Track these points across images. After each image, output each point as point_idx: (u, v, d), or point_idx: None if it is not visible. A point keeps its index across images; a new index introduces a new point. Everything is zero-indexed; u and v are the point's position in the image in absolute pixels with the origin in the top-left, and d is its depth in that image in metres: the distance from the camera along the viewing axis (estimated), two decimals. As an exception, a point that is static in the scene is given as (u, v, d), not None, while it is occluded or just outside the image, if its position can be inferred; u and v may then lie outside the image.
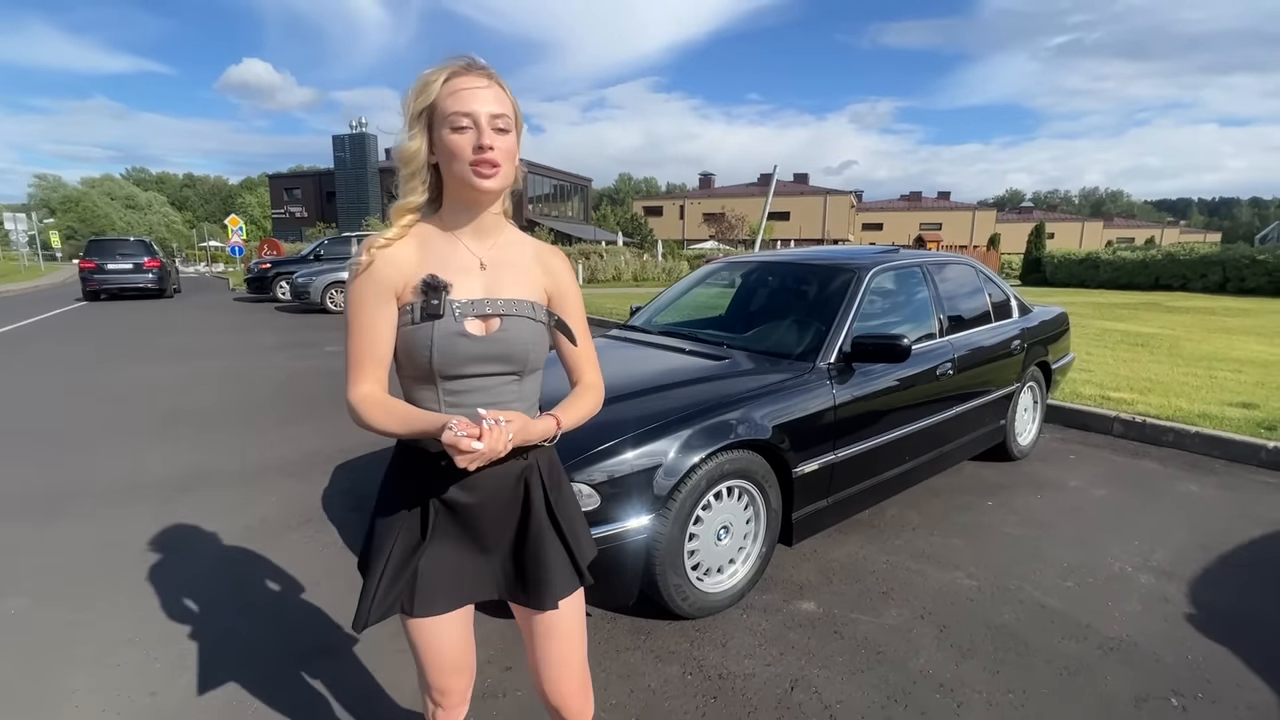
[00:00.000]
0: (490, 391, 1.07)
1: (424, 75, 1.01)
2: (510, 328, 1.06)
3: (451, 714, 1.25)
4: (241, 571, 2.62)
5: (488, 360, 1.05)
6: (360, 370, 1.04)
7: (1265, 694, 1.88)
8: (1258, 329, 9.37)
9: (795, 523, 2.49)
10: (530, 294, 1.11)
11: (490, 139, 0.98)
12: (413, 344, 1.03)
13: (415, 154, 1.01)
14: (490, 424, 0.93)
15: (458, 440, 0.90)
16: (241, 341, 8.97)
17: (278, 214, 45.19)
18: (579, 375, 1.19)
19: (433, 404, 1.06)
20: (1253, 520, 3.09)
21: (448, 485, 1.07)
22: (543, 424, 1.06)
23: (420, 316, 1.02)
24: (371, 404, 1.03)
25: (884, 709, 1.82)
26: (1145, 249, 21.28)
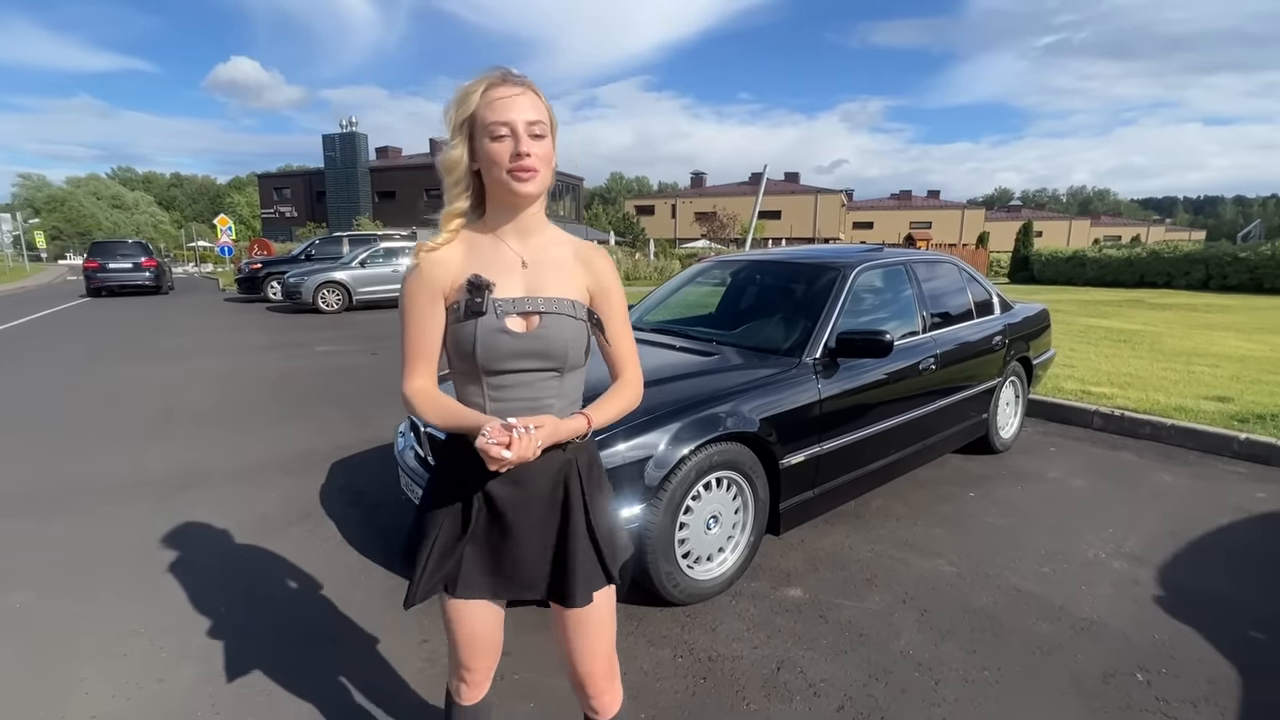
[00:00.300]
0: (531, 387, 1.11)
1: (463, 88, 1.06)
2: (550, 325, 1.10)
3: (474, 690, 1.31)
4: (243, 565, 2.68)
5: (528, 356, 1.09)
6: (413, 365, 1.12)
7: (1225, 668, 1.98)
8: (1237, 325, 9.57)
9: (782, 513, 2.58)
10: (571, 292, 1.14)
11: (527, 145, 1.03)
12: (459, 340, 1.09)
13: (458, 162, 1.08)
14: (519, 433, 0.98)
15: (488, 447, 0.97)
16: (234, 341, 8.97)
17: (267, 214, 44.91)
18: (618, 371, 1.23)
19: (478, 398, 1.12)
20: (1222, 508, 3.21)
21: (490, 479, 1.11)
22: (573, 423, 1.10)
23: (465, 314, 1.08)
24: (423, 398, 1.11)
25: (865, 687, 1.91)
26: (1131, 247, 21.60)
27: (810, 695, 1.88)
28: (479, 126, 1.05)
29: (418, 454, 2.66)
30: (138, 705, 1.85)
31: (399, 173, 40.51)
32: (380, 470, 3.73)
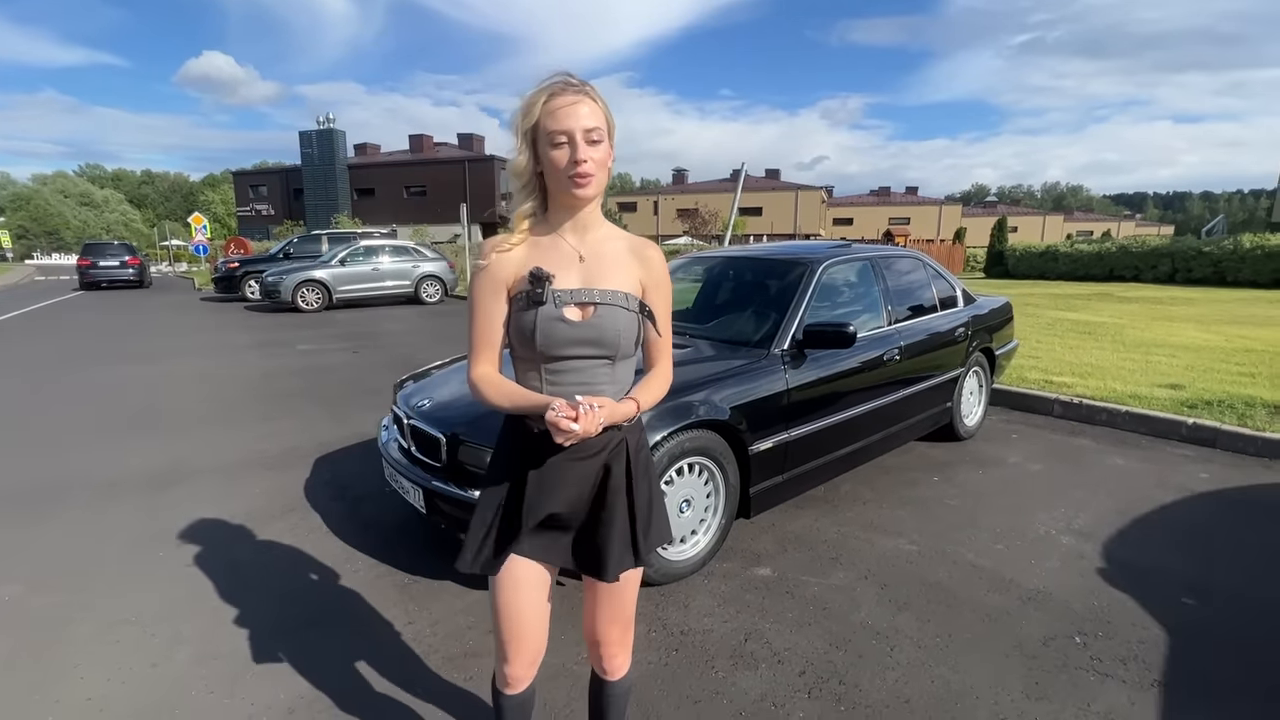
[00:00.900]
0: (585, 373, 1.20)
1: (527, 98, 1.14)
2: (604, 315, 1.18)
3: (517, 681, 1.32)
4: (231, 556, 2.75)
5: (582, 344, 1.18)
6: (479, 353, 1.22)
7: (1155, 630, 2.16)
8: (1198, 317, 9.93)
9: (753, 497, 2.71)
10: (625, 285, 1.23)
11: (584, 153, 1.12)
12: (521, 327, 1.18)
13: (525, 167, 1.17)
14: (585, 408, 1.08)
15: (558, 420, 1.06)
16: (213, 341, 8.91)
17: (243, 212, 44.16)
18: (654, 361, 1.32)
19: (536, 383, 1.22)
20: (1166, 487, 3.41)
21: (546, 456, 1.20)
22: (625, 406, 1.20)
23: (527, 303, 1.17)
24: (487, 383, 1.21)
25: (826, 654, 2.05)
26: (1101, 242, 22.14)
27: (774, 663, 2.01)
28: (541, 134, 1.13)
29: (401, 445, 2.75)
30: (132, 688, 1.92)
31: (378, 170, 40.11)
32: (364, 465, 3.80)
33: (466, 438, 2.34)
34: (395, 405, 2.90)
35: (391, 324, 10.46)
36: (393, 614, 2.29)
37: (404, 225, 30.73)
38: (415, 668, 2.01)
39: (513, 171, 1.20)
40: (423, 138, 42.64)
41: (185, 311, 13.07)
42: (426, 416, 2.57)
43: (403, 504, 2.99)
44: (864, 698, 1.85)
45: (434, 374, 3.22)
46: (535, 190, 1.20)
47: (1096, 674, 1.94)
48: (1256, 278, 16.81)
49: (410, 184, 38.96)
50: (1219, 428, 4.10)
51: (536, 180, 1.19)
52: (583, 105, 1.12)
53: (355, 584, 2.50)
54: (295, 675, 1.97)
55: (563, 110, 1.11)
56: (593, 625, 1.39)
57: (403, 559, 2.68)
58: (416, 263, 13.89)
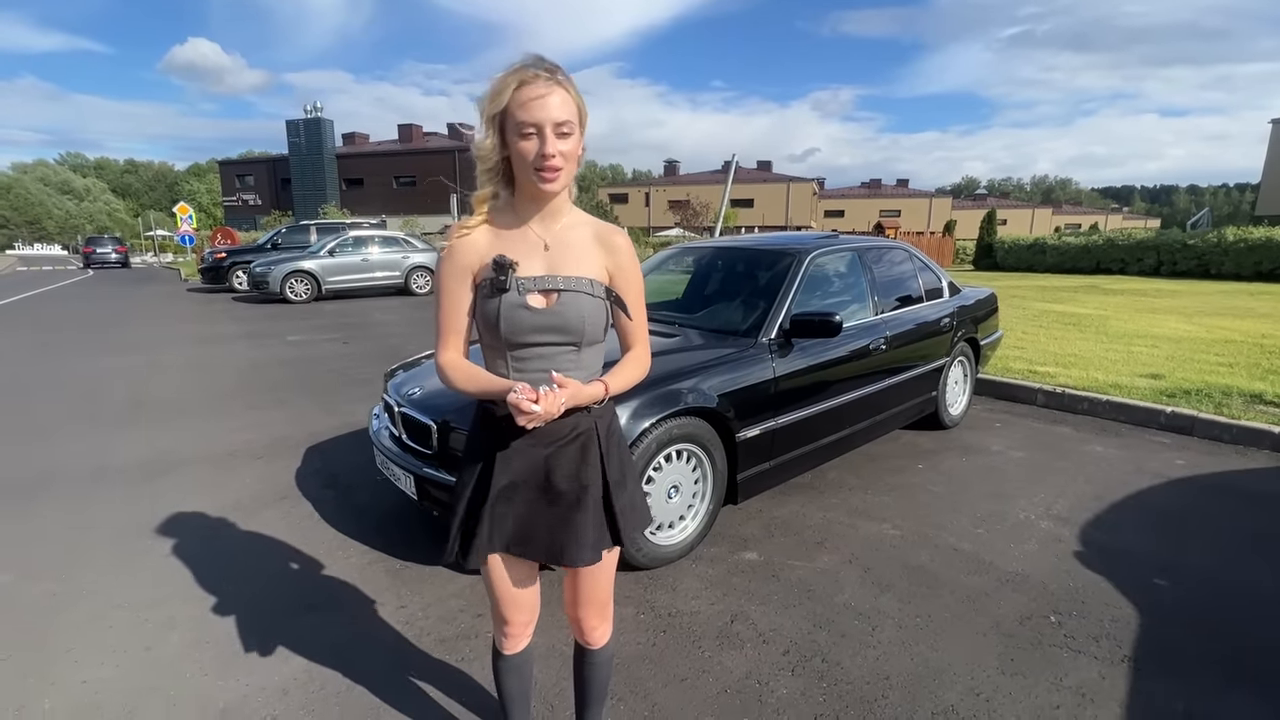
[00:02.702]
0: (550, 360, 1.21)
1: (496, 81, 1.12)
2: (568, 301, 1.19)
3: (513, 642, 1.42)
4: (222, 544, 2.76)
5: (547, 330, 1.19)
6: (445, 339, 1.24)
7: (1127, 609, 2.23)
8: (1181, 309, 10.09)
9: (740, 483, 2.76)
10: (590, 271, 1.23)
11: (552, 147, 1.11)
12: (485, 314, 1.19)
13: (490, 152, 1.16)
14: (545, 389, 1.11)
15: (520, 401, 1.08)
16: (201, 332, 8.85)
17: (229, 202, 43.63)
18: (629, 345, 1.33)
19: (503, 369, 1.23)
20: (1143, 473, 3.50)
21: (514, 440, 1.22)
22: (592, 389, 1.21)
23: (491, 291, 1.18)
24: (453, 369, 1.23)
25: (809, 634, 2.10)
26: (1089, 235, 22.35)
27: (759, 643, 2.06)
28: (510, 122, 1.12)
29: (392, 433, 2.77)
30: (126, 671, 1.94)
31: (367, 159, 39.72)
32: (355, 454, 3.81)
33: (457, 424, 2.36)
34: (386, 394, 2.92)
35: (381, 315, 10.42)
36: (385, 598, 2.32)
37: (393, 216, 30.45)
38: (408, 650, 2.04)
39: (477, 154, 1.19)
40: (412, 127, 42.23)
41: (172, 302, 12.94)
42: (417, 404, 2.59)
43: (394, 492, 3.02)
44: (845, 675, 1.91)
45: (425, 363, 3.23)
46: (499, 175, 1.20)
47: (1070, 650, 2.01)
48: (1239, 270, 17.06)
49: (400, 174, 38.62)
50: (1196, 416, 4.19)
51: (502, 165, 1.18)
52: (554, 96, 1.10)
53: (348, 570, 2.53)
54: (289, 658, 2.00)
55: (534, 102, 1.09)
56: (573, 606, 1.43)
57: (394, 545, 2.71)
58: (406, 253, 13.82)
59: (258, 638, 2.10)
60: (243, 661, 1.99)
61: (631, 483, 1.35)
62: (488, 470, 1.25)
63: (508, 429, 1.21)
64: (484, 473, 1.26)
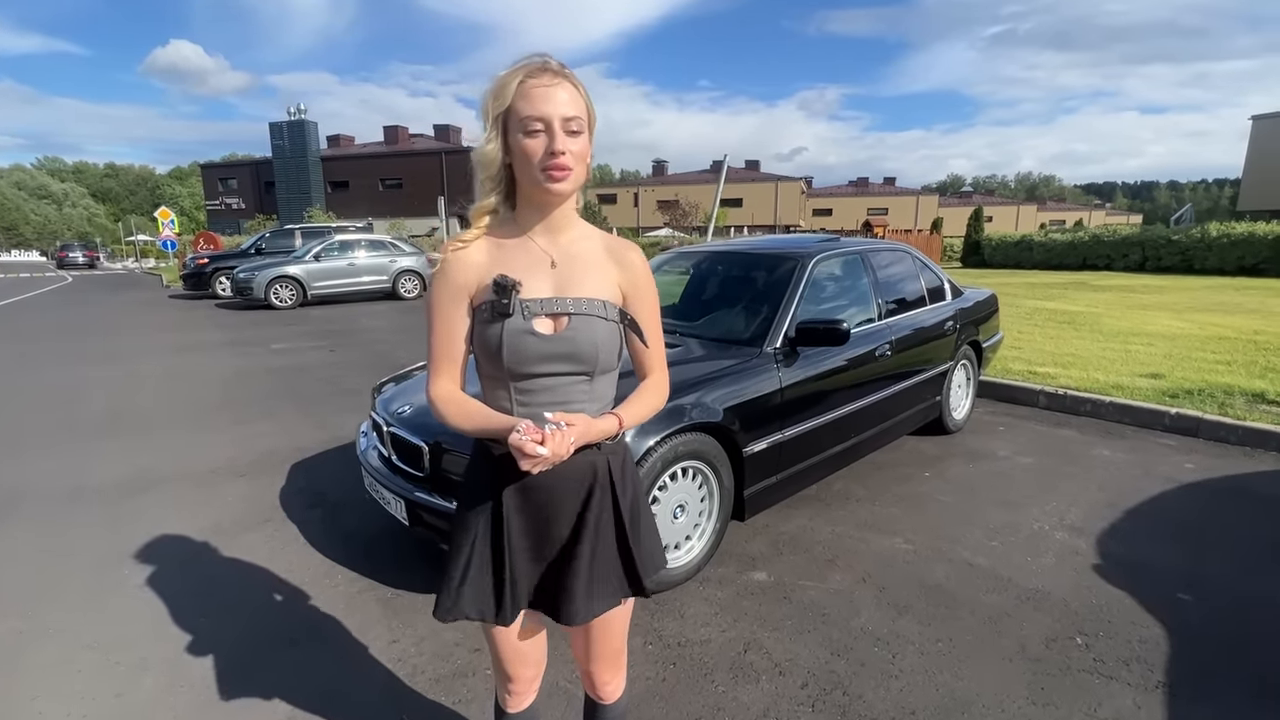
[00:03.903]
0: (559, 391, 1.08)
1: (499, 78, 1.01)
2: (579, 327, 1.06)
3: (519, 699, 1.30)
4: (201, 573, 2.61)
5: (556, 359, 1.06)
6: (437, 368, 1.10)
7: (1155, 629, 2.14)
8: (1170, 305, 10.13)
9: (747, 499, 2.64)
10: (602, 291, 1.10)
11: (562, 143, 0.99)
12: (485, 342, 1.06)
13: (493, 157, 1.03)
14: (553, 428, 0.96)
15: (523, 444, 0.94)
16: (182, 340, 8.61)
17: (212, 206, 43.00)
18: (646, 372, 1.20)
19: (505, 403, 1.09)
20: (1153, 479, 3.43)
21: (518, 484, 1.09)
22: (604, 423, 1.07)
23: (491, 315, 1.04)
24: (448, 402, 1.09)
25: (828, 664, 1.99)
26: (1074, 231, 22.54)
27: (775, 674, 1.95)
28: (513, 120, 1.01)
29: (381, 454, 2.63)
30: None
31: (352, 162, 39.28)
32: (342, 471, 3.66)
33: (451, 446, 2.23)
34: (374, 411, 2.77)
35: (369, 321, 10.22)
36: (376, 632, 2.19)
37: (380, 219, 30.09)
38: (401, 691, 1.91)
39: (479, 160, 1.05)
40: (398, 129, 41.81)
41: (153, 309, 12.64)
42: (407, 423, 2.45)
43: (384, 511, 2.87)
44: (869, 709, 1.80)
45: (415, 376, 3.10)
46: (502, 183, 1.07)
47: (1101, 677, 1.91)
48: (1223, 265, 17.25)
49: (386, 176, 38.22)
50: (1201, 417, 4.14)
51: (505, 172, 1.06)
52: (561, 90, 1.00)
53: (335, 600, 2.39)
54: (272, 703, 1.86)
55: (540, 93, 0.99)
56: (584, 659, 1.30)
57: (385, 571, 2.57)
58: (394, 257, 13.60)
59: (237, 680, 1.95)
60: (220, 709, 1.84)
61: (646, 523, 1.22)
62: (492, 516, 1.12)
63: (510, 469, 1.07)
64: (488, 519, 1.12)
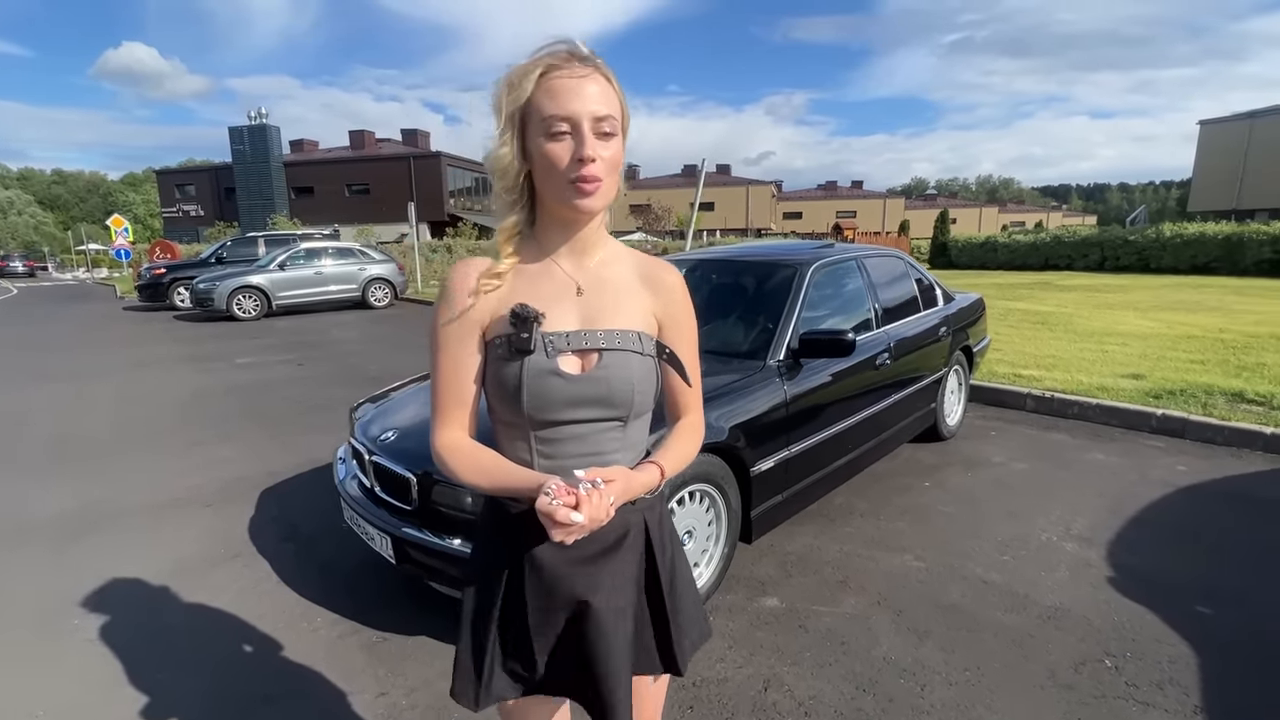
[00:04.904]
0: (588, 440, 0.93)
1: (516, 69, 0.85)
2: (612, 365, 0.91)
3: None
4: (162, 620, 2.37)
5: (585, 404, 0.90)
6: (444, 415, 0.94)
7: (1181, 647, 2.08)
8: (1134, 304, 10.40)
9: (754, 520, 2.52)
10: (636, 322, 0.95)
11: (592, 148, 0.83)
12: (502, 383, 0.90)
13: (510, 164, 0.87)
14: (588, 488, 0.80)
15: (554, 510, 0.78)
16: (138, 356, 8.15)
17: (169, 213, 41.42)
18: (681, 412, 1.03)
19: (525, 454, 0.93)
20: (1149, 483, 3.42)
21: (539, 545, 0.93)
22: (646, 475, 0.92)
23: (509, 352, 0.89)
24: (458, 455, 0.92)
25: (854, 700, 1.87)
26: (1036, 233, 23.18)
27: (801, 715, 1.82)
28: (533, 118, 0.84)
29: (362, 484, 2.44)
30: (39, 807, 1.57)
31: (317, 167, 38.25)
32: (316, 498, 3.43)
33: (442, 477, 2.05)
34: (354, 437, 2.57)
35: (339, 331, 9.86)
36: (361, 682, 2.00)
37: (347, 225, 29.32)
38: (393, 752, 1.73)
39: (494, 168, 0.89)
40: (364, 134, 40.88)
41: (106, 323, 12.02)
42: (392, 451, 2.26)
43: (364, 542, 2.68)
44: (903, 751, 1.69)
45: (394, 396, 2.90)
46: (524, 196, 0.91)
47: (1137, 703, 1.83)
48: (1177, 264, 17.90)
49: (352, 182, 37.30)
50: (1187, 418, 4.17)
51: (525, 183, 0.90)
52: (592, 83, 0.84)
53: (314, 647, 2.18)
54: (247, 773, 1.66)
55: (566, 87, 0.82)
56: None
57: (369, 611, 2.37)
58: (363, 265, 13.21)
59: (208, 748, 1.75)
60: (189, 784, 1.64)
61: (685, 586, 1.06)
62: (509, 587, 0.96)
63: (532, 529, 0.91)
64: (505, 591, 0.96)
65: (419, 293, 15.25)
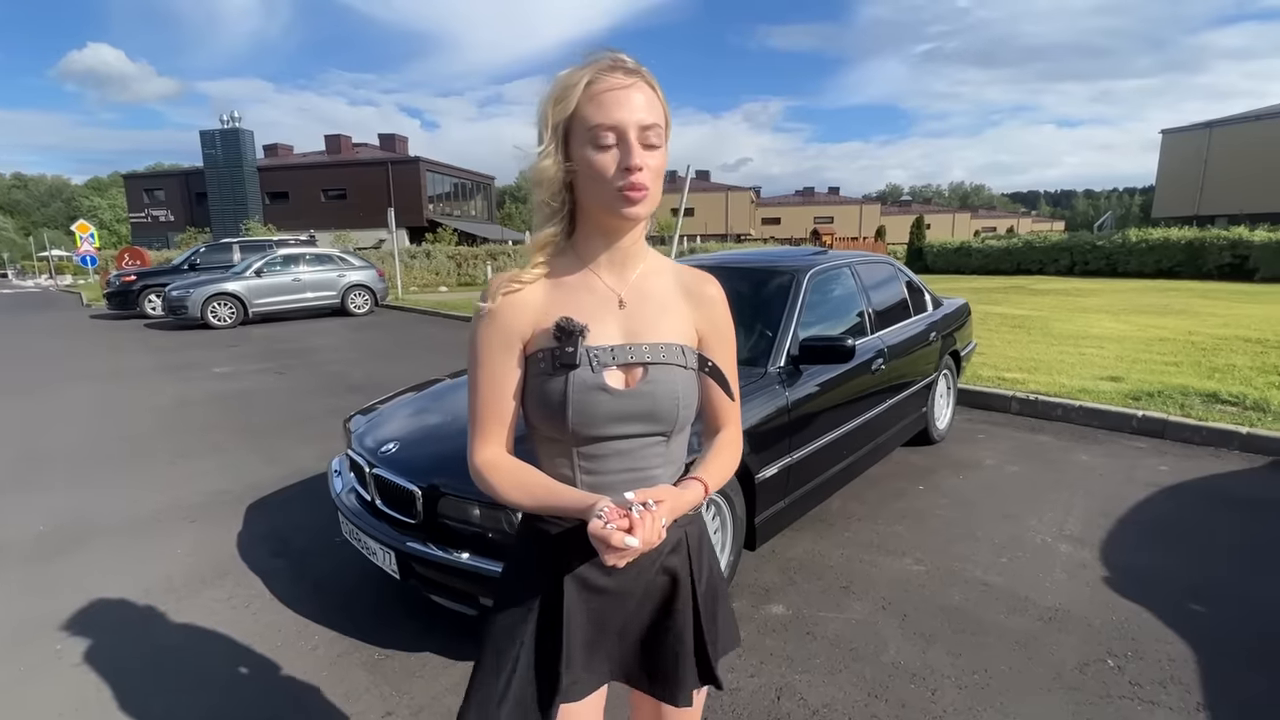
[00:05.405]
0: (632, 456, 0.92)
1: (562, 77, 0.85)
2: (657, 379, 0.90)
3: None
4: (151, 642, 2.29)
5: (630, 419, 0.89)
6: (483, 431, 0.92)
7: (1178, 644, 2.12)
8: (1106, 307, 10.69)
9: (758, 526, 2.52)
10: (678, 335, 0.94)
11: (640, 157, 0.83)
12: (545, 399, 0.89)
13: (554, 175, 0.86)
14: (639, 510, 0.78)
15: (608, 535, 0.76)
16: (110, 366, 7.90)
17: (137, 218, 40.32)
18: (720, 425, 1.02)
19: (566, 470, 0.92)
20: (1135, 484, 3.50)
21: (584, 567, 0.92)
22: (690, 493, 0.90)
23: (552, 366, 0.88)
24: (499, 473, 0.91)
25: (867, 706, 1.88)
26: (1008, 238, 23.78)
27: (815, 723, 1.82)
28: (579, 127, 0.84)
29: (361, 496, 2.38)
30: (30, 845, 1.50)
31: (291, 172, 37.61)
32: (306, 511, 3.35)
33: (450, 490, 2.01)
34: (351, 449, 2.52)
35: (319, 339, 9.68)
36: (366, 702, 1.94)
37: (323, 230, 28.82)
38: (403, 773, 1.68)
39: (536, 180, 0.88)
40: (341, 138, 40.33)
41: (74, 332, 11.63)
42: (394, 464, 2.22)
43: (361, 557, 2.61)
44: (919, 757, 1.69)
45: (389, 407, 2.84)
46: (565, 205, 0.90)
47: (1143, 702, 1.86)
48: (1142, 268, 18.47)
49: (328, 187, 36.74)
50: (1166, 419, 4.29)
51: (565, 194, 0.89)
52: (637, 92, 0.84)
53: (314, 667, 2.12)
54: (251, 801, 1.61)
55: (612, 97, 0.82)
56: None
57: (369, 628, 2.32)
58: (342, 271, 13.00)
59: (208, 775, 1.68)
60: (191, 814, 1.58)
61: (722, 601, 1.06)
62: (543, 610, 0.94)
63: (573, 550, 0.91)
64: (540, 614, 0.94)
65: (400, 299, 15.05)
